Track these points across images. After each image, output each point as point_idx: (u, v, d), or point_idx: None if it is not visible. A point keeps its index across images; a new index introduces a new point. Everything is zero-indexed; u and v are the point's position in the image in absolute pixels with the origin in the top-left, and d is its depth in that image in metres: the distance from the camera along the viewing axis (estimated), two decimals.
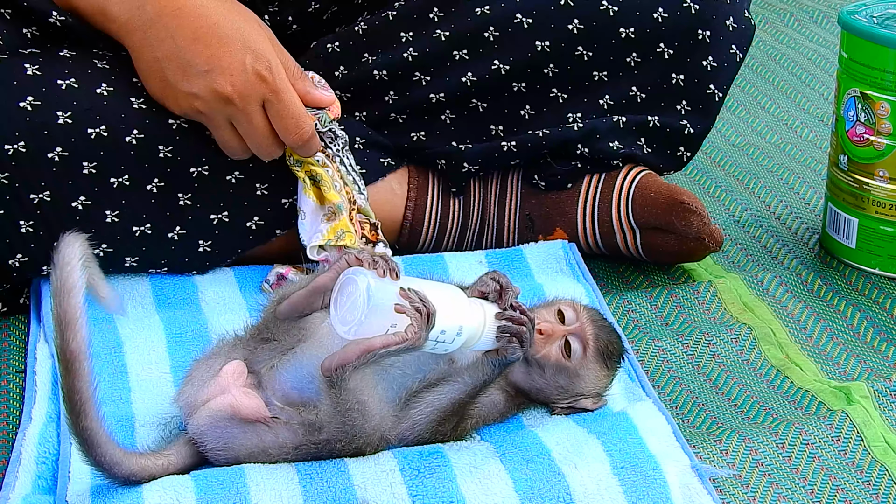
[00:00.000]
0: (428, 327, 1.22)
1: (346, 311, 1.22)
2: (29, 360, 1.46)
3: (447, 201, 1.71)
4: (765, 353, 1.53)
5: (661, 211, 1.68)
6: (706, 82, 1.71)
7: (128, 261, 1.56)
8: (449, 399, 1.28)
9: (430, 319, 1.22)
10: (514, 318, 1.27)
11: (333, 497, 1.21)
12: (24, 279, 1.55)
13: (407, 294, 1.22)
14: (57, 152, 1.50)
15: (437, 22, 1.69)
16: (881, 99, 1.67)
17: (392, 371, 1.28)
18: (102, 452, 1.19)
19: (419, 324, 1.21)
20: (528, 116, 1.70)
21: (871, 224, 1.72)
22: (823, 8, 2.70)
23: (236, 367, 1.28)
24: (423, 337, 1.22)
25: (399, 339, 1.21)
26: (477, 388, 1.29)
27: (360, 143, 1.66)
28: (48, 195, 1.50)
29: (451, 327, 1.25)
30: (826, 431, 1.37)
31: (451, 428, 1.29)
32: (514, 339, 1.27)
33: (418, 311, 1.21)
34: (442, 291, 1.26)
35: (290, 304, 1.29)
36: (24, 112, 1.48)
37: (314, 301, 1.28)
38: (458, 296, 1.27)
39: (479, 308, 1.28)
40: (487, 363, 1.28)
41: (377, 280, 1.22)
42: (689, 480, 1.26)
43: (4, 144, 1.48)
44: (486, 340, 1.28)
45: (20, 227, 1.51)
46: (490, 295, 1.30)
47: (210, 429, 1.25)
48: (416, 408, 1.28)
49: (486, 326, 1.27)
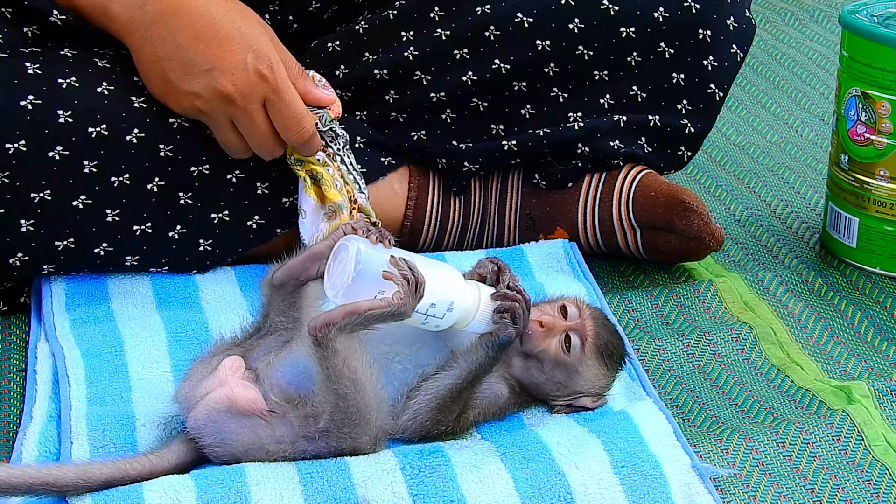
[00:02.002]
0: (415, 296, 1.23)
1: (336, 276, 1.24)
2: (29, 359, 1.46)
3: (448, 201, 1.71)
4: (765, 352, 1.53)
5: (661, 210, 1.68)
6: (707, 82, 1.71)
7: (128, 260, 1.56)
8: (447, 386, 1.28)
9: (419, 289, 1.23)
10: (508, 295, 1.28)
11: (334, 496, 1.21)
12: (24, 278, 1.55)
13: (396, 262, 1.23)
14: (58, 151, 1.50)
15: (438, 21, 1.69)
16: (882, 98, 1.67)
17: (393, 366, 1.29)
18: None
19: (406, 291, 1.22)
20: (529, 116, 1.70)
21: (872, 223, 1.72)
22: (824, 7, 2.70)
23: (234, 362, 1.28)
24: (410, 305, 1.22)
25: (385, 303, 1.22)
26: (474, 374, 1.29)
27: (360, 142, 1.66)
28: (49, 194, 1.50)
29: (442, 302, 1.25)
30: (826, 431, 1.37)
31: (454, 419, 1.29)
32: (507, 315, 1.27)
33: (406, 279, 1.22)
34: (436, 267, 1.27)
35: (287, 270, 1.30)
36: (24, 111, 1.49)
37: (310, 267, 1.29)
38: (453, 273, 1.28)
39: (475, 288, 1.28)
40: (482, 346, 1.28)
41: (368, 246, 1.24)
42: (690, 480, 1.26)
43: (5, 143, 1.48)
44: (481, 322, 1.28)
45: (21, 226, 1.51)
46: (488, 277, 1.31)
47: (207, 423, 1.25)
48: (415, 397, 1.28)
49: (480, 306, 1.28)
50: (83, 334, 1.48)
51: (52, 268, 1.54)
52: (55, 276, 1.56)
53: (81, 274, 1.57)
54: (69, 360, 1.43)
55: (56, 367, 1.43)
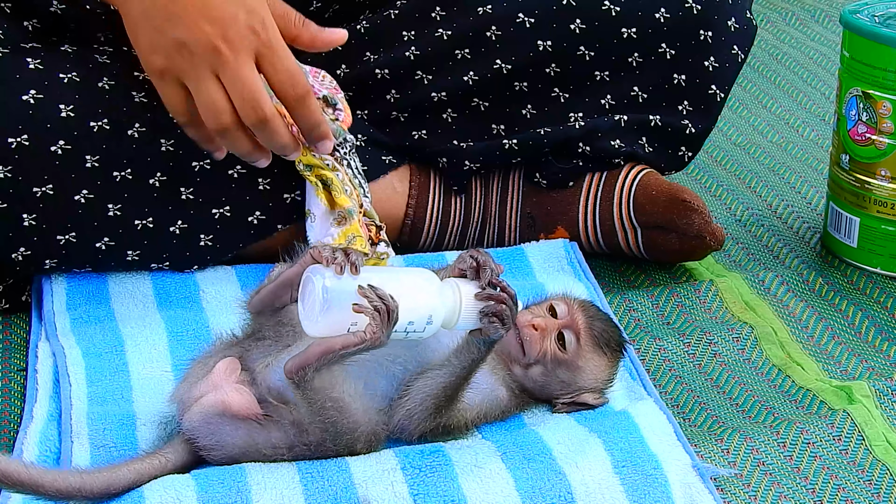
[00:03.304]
0: (389, 324, 1.20)
1: (308, 308, 1.22)
2: (30, 358, 1.46)
3: (448, 200, 1.71)
4: (766, 352, 1.53)
5: (662, 209, 1.68)
6: (708, 83, 1.71)
7: (129, 254, 1.56)
8: (440, 384, 1.27)
9: (392, 315, 1.20)
10: (493, 296, 1.25)
11: (334, 496, 1.21)
12: (26, 273, 1.56)
13: (365, 292, 1.20)
14: (59, 146, 1.50)
15: (439, 21, 1.69)
16: (883, 98, 1.67)
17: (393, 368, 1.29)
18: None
19: (378, 323, 1.20)
20: (530, 116, 1.71)
21: (873, 223, 1.72)
22: (825, 7, 2.70)
23: (229, 364, 1.28)
24: (385, 335, 1.20)
25: (358, 339, 1.20)
26: (467, 371, 1.28)
27: (361, 142, 1.66)
28: (51, 188, 1.51)
29: (420, 317, 1.23)
30: (827, 431, 1.37)
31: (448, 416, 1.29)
32: (496, 318, 1.25)
33: (377, 309, 1.20)
34: (407, 280, 1.24)
35: (260, 299, 1.30)
36: (26, 105, 1.49)
37: (283, 295, 1.29)
38: (426, 282, 1.25)
39: (454, 289, 1.25)
40: (473, 343, 1.27)
41: (333, 279, 1.21)
42: (691, 479, 1.26)
43: (7, 138, 1.48)
44: (468, 320, 1.26)
45: (23, 221, 1.51)
46: (468, 273, 1.28)
47: (202, 425, 1.25)
48: (408, 396, 1.28)
49: (462, 307, 1.25)
50: (84, 334, 1.48)
51: (53, 262, 1.54)
52: (56, 276, 1.56)
53: (82, 272, 1.57)
54: (70, 359, 1.43)
55: (57, 366, 1.43)
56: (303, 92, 1.45)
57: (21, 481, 1.18)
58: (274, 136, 1.45)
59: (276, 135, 1.45)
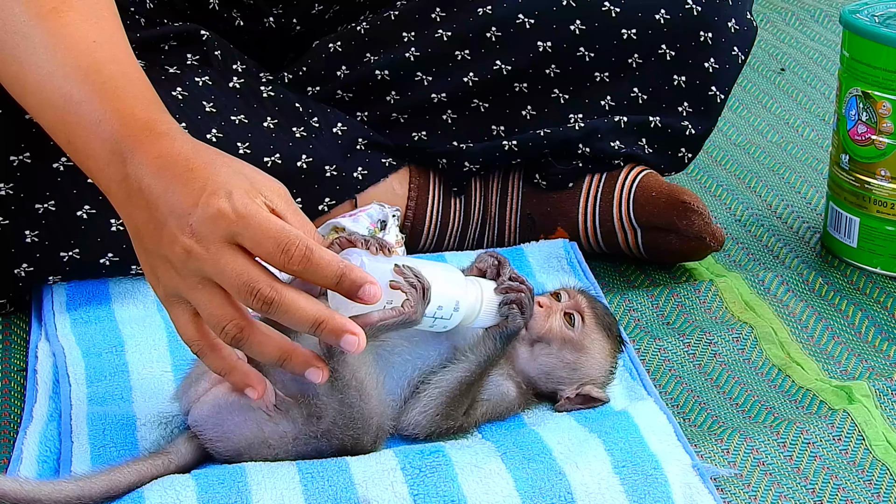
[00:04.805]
0: (424, 302, 1.23)
1: None
2: (30, 358, 1.46)
3: (448, 201, 1.71)
4: (766, 352, 1.53)
5: (662, 210, 1.68)
6: (708, 84, 1.71)
7: (133, 269, 1.56)
8: (456, 379, 1.29)
9: (426, 294, 1.23)
10: (512, 286, 1.29)
11: (334, 495, 1.21)
12: (28, 288, 1.55)
13: (401, 270, 1.22)
14: (61, 162, 1.50)
15: (439, 22, 1.69)
16: (883, 98, 1.67)
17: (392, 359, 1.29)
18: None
19: (415, 298, 1.22)
20: (530, 117, 1.71)
21: (873, 223, 1.72)
22: (825, 7, 2.70)
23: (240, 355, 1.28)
24: (420, 311, 1.22)
25: (396, 313, 1.21)
26: (483, 367, 1.30)
27: (361, 144, 1.67)
28: (53, 204, 1.51)
29: (448, 303, 1.25)
30: (827, 430, 1.37)
31: (463, 414, 1.30)
32: (515, 305, 1.28)
33: (413, 286, 1.22)
34: (436, 268, 1.27)
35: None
36: (29, 123, 1.48)
37: (312, 286, 1.28)
38: (453, 272, 1.28)
39: (476, 284, 1.29)
40: (490, 337, 1.29)
41: (371, 258, 1.23)
42: (691, 479, 1.26)
43: (10, 155, 1.48)
44: (486, 317, 1.29)
45: (25, 237, 1.51)
46: (488, 272, 1.31)
47: (210, 416, 1.25)
48: (425, 391, 1.29)
49: (483, 302, 1.28)
50: (84, 334, 1.48)
51: (57, 278, 1.54)
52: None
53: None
54: (70, 359, 1.43)
55: (56, 366, 1.43)
56: (299, 253, 1.16)
57: (18, 499, 1.18)
58: (291, 311, 1.17)
59: (292, 309, 1.17)
